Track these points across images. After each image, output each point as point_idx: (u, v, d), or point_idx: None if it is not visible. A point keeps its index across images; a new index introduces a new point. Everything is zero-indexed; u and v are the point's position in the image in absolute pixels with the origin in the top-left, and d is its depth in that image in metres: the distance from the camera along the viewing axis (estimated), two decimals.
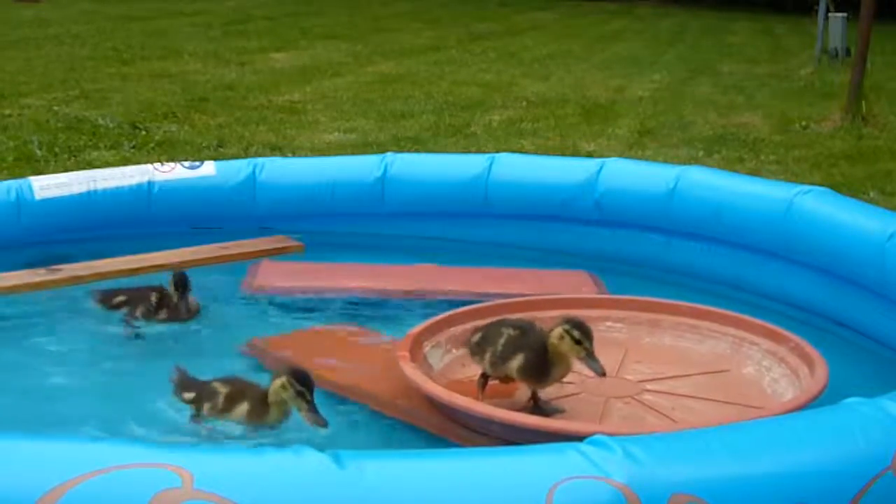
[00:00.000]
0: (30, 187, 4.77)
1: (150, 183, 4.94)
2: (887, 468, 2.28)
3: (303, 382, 3.00)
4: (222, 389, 3.20)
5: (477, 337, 3.33)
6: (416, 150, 7.50)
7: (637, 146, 8.46)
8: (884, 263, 3.88)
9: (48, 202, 4.77)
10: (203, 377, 3.30)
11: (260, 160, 5.16)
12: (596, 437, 2.24)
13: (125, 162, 6.78)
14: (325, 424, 2.97)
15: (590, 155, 7.54)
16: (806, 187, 4.42)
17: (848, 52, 13.84)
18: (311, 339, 3.84)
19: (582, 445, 2.19)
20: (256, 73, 12.15)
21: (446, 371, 3.49)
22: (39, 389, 3.47)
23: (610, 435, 2.25)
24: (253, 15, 19.37)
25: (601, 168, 4.91)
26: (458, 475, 2.11)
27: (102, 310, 4.03)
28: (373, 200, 5.07)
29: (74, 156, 7.32)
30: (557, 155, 7.20)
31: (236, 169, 5.09)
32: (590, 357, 3.10)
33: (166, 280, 4.06)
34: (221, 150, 7.73)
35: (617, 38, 18.62)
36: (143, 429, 3.07)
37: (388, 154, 5.21)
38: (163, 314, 4.00)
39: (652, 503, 2.08)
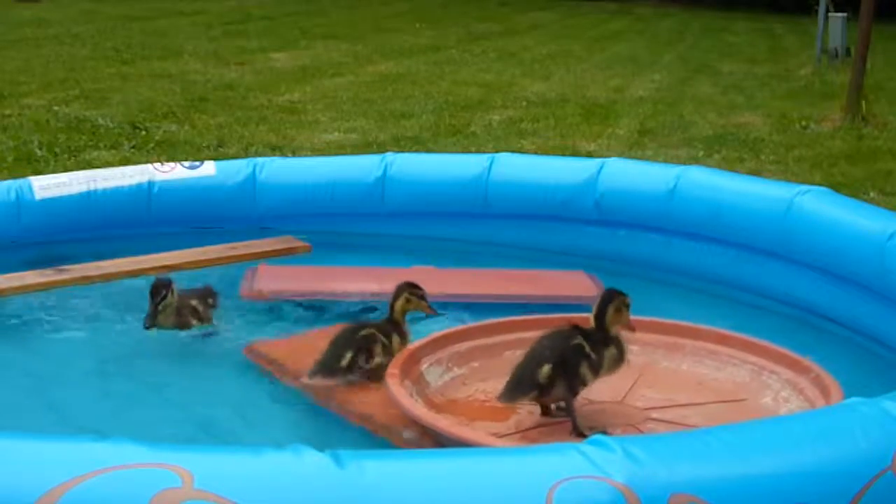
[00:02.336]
0: (30, 187, 4.77)
1: (150, 183, 4.94)
2: (887, 468, 2.28)
3: (417, 287, 3.58)
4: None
5: (545, 371, 3.13)
6: (416, 150, 7.50)
7: (637, 146, 8.45)
8: (884, 263, 3.88)
9: (48, 202, 4.76)
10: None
11: (260, 160, 5.16)
12: (596, 436, 2.24)
13: (125, 162, 6.77)
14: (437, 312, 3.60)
15: (590, 155, 7.54)
16: (806, 187, 4.42)
17: (848, 52, 13.84)
18: (312, 343, 3.76)
19: (582, 445, 2.19)
20: (256, 73, 12.15)
21: (444, 389, 3.40)
22: (42, 389, 3.47)
23: None
24: (253, 15, 19.37)
25: (601, 168, 4.91)
26: (458, 475, 2.11)
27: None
28: (373, 200, 5.07)
29: (74, 156, 7.32)
30: (557, 155, 7.19)
31: (236, 169, 5.09)
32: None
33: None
34: (221, 150, 7.72)
35: (617, 38, 18.61)
36: (144, 429, 3.07)
37: (388, 154, 5.21)
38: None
39: (652, 503, 2.08)
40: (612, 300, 3.21)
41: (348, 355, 3.41)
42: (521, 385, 3.13)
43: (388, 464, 2.11)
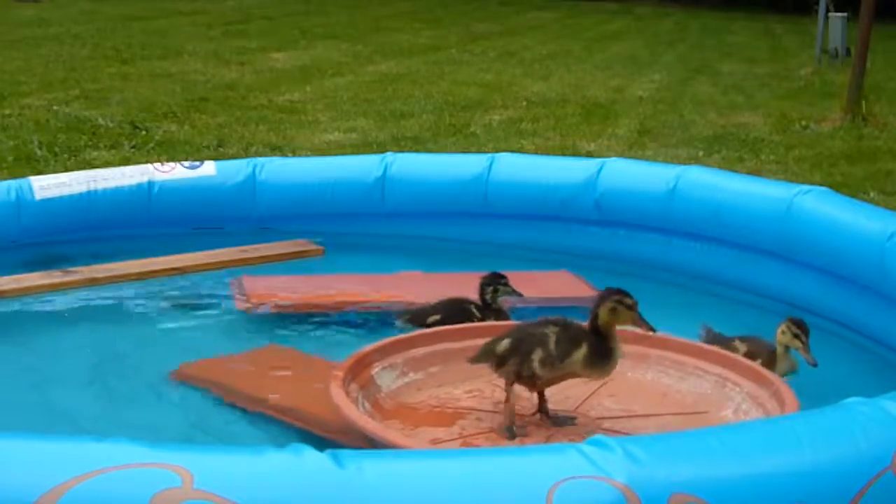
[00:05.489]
0: (30, 187, 4.76)
1: (150, 183, 4.94)
2: (887, 468, 2.28)
3: (798, 326, 3.51)
4: (741, 347, 3.63)
5: (504, 345, 3.14)
6: (416, 150, 7.49)
7: (637, 146, 8.45)
8: (884, 263, 3.88)
9: (48, 202, 4.76)
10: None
11: (260, 160, 5.16)
12: (596, 436, 2.24)
13: (125, 162, 6.77)
14: (816, 363, 3.46)
15: (590, 155, 7.54)
16: (806, 187, 4.43)
17: (848, 51, 13.84)
18: (244, 363, 3.71)
19: (582, 445, 2.19)
20: (256, 73, 12.15)
21: (397, 394, 3.34)
22: (43, 389, 3.47)
23: None
24: (253, 15, 19.36)
25: (601, 168, 4.91)
26: (458, 475, 2.11)
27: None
28: (373, 200, 5.07)
29: (74, 156, 7.32)
30: (557, 155, 7.19)
31: (236, 169, 5.09)
32: (642, 320, 3.13)
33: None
34: (221, 150, 7.72)
35: (617, 38, 18.61)
36: (144, 429, 3.07)
37: (388, 154, 5.21)
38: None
39: (652, 503, 2.08)
40: (606, 299, 3.12)
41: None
42: (485, 351, 3.19)
43: (388, 464, 2.11)
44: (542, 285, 4.42)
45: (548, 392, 3.24)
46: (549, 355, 3.08)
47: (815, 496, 2.21)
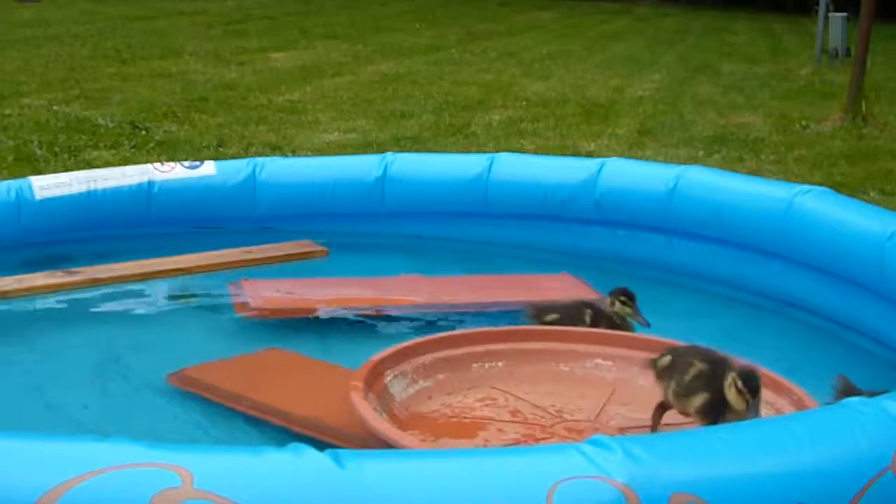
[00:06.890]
0: (30, 187, 4.76)
1: (150, 183, 4.93)
2: (887, 468, 2.28)
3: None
4: None
5: (663, 363, 3.11)
6: (416, 150, 7.49)
7: (637, 146, 8.45)
8: (884, 263, 3.88)
9: (48, 202, 4.76)
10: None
11: (260, 160, 5.16)
12: (596, 436, 2.24)
13: (125, 162, 6.77)
14: None
15: (590, 155, 7.54)
16: (806, 187, 4.42)
17: (848, 52, 13.85)
18: (243, 367, 3.66)
19: (582, 445, 2.19)
20: (256, 72, 12.15)
21: (410, 403, 3.28)
22: (43, 389, 3.47)
23: None
24: (253, 15, 19.36)
25: (601, 168, 4.91)
26: (458, 475, 2.11)
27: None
28: (373, 200, 5.07)
29: (74, 156, 7.32)
30: (557, 155, 7.19)
31: (236, 169, 5.09)
32: (755, 409, 2.93)
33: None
34: (221, 150, 7.72)
35: (617, 38, 18.60)
36: (144, 430, 3.07)
37: (388, 154, 5.21)
38: None
39: (652, 503, 2.08)
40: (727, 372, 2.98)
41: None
42: (652, 361, 3.16)
43: (388, 464, 2.11)
44: (542, 288, 4.42)
45: (561, 402, 3.20)
46: (679, 388, 3.03)
47: (815, 496, 2.21)
